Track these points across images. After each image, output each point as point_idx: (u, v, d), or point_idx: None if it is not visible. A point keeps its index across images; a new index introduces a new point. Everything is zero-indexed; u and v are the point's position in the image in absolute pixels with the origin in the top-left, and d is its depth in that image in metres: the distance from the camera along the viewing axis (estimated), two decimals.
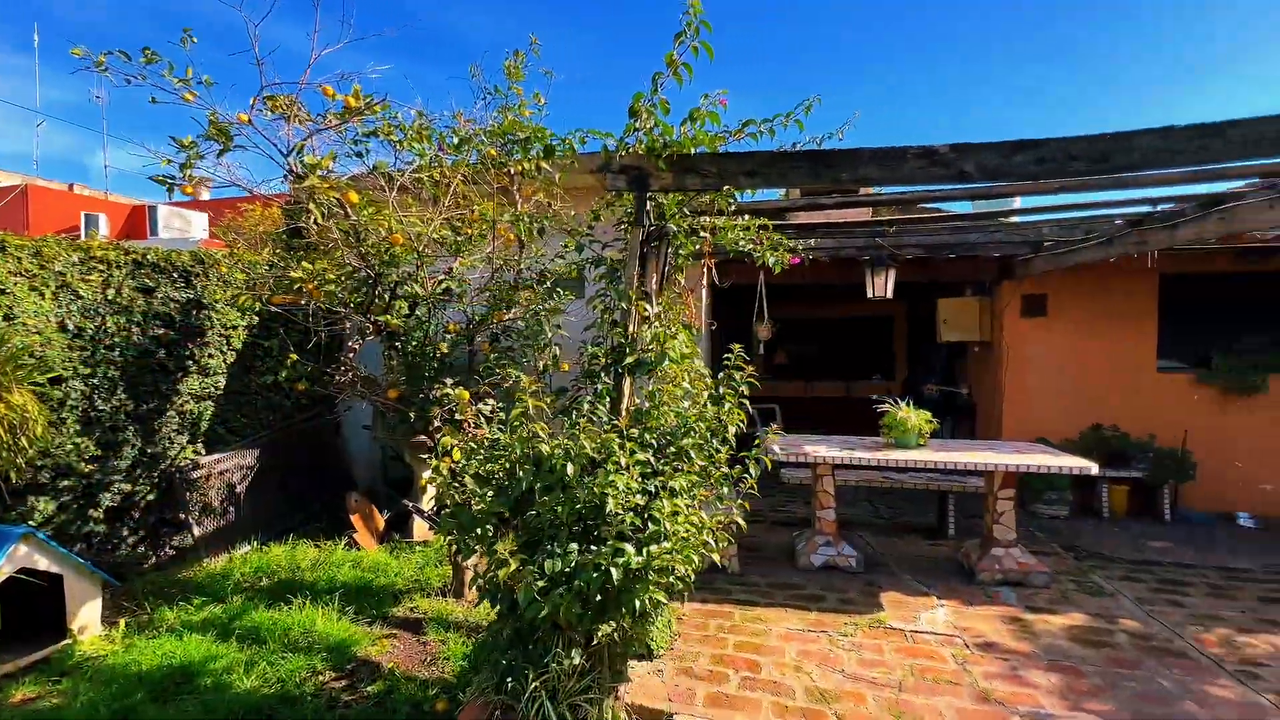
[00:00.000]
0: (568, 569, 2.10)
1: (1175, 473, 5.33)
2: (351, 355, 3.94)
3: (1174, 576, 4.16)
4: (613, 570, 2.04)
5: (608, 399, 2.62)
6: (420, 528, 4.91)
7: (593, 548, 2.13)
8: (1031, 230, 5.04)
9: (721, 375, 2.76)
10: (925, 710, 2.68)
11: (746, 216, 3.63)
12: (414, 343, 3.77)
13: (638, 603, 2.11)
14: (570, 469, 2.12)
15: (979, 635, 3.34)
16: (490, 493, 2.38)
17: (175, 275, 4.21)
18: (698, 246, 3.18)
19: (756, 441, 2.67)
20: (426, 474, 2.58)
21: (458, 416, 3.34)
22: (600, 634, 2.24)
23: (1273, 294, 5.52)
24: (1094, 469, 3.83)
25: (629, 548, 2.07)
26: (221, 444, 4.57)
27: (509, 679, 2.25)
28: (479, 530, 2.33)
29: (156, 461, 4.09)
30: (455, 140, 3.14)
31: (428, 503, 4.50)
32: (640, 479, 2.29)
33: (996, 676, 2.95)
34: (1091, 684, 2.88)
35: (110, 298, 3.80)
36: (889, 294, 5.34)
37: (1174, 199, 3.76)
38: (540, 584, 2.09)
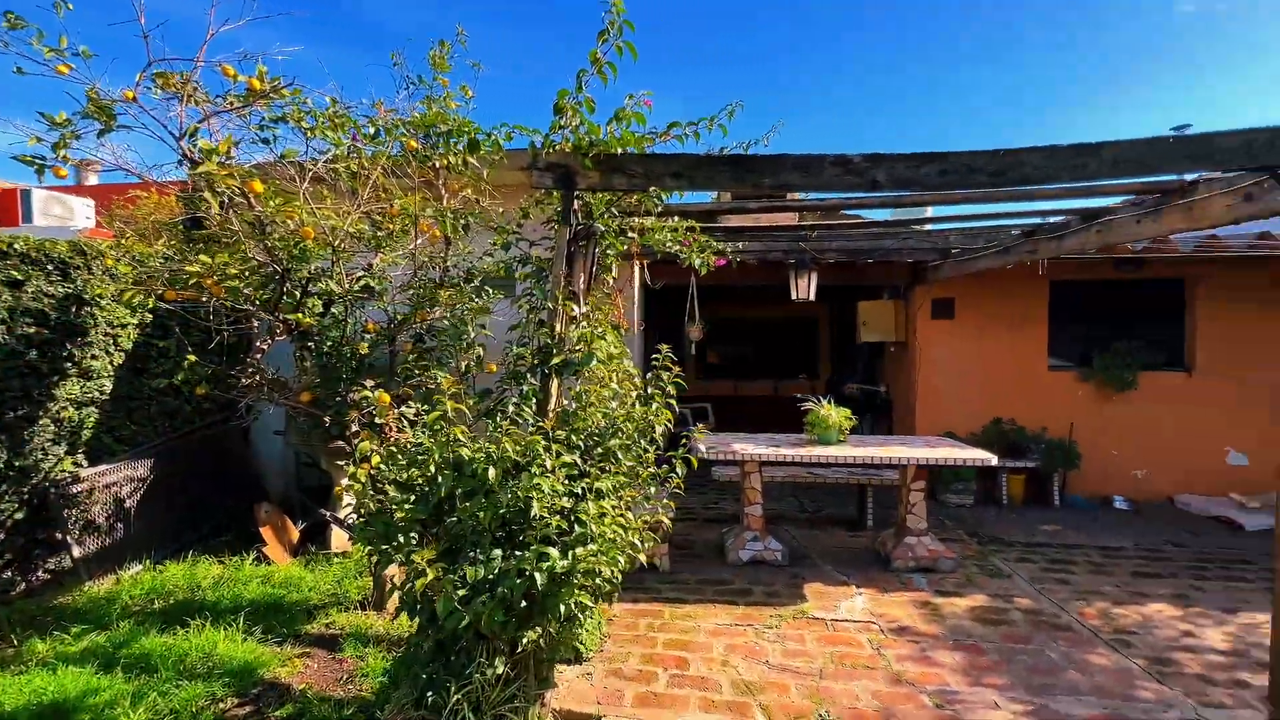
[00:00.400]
0: (491, 576, 2.04)
1: (1063, 462, 5.85)
2: (259, 356, 3.67)
3: (1062, 556, 4.56)
4: (537, 575, 2.00)
5: (534, 400, 2.58)
6: (339, 538, 4.66)
7: (517, 553, 2.08)
8: (940, 238, 5.40)
9: (650, 375, 2.78)
10: (843, 695, 2.80)
11: (676, 218, 3.67)
12: (329, 343, 3.56)
13: (563, 607, 2.08)
14: (492, 473, 2.06)
15: (893, 620, 3.53)
16: (411, 499, 2.28)
17: (50, 267, 3.78)
18: (626, 247, 3.19)
19: (683, 440, 2.70)
20: (345, 481, 2.44)
21: (378, 420, 3.19)
22: (526, 640, 2.19)
23: (1143, 300, 6.16)
24: (993, 460, 4.14)
25: (554, 551, 2.04)
26: (108, 454, 4.15)
27: (429, 693, 2.16)
28: (400, 538, 2.23)
29: (27, 476, 3.66)
30: (371, 130, 2.98)
31: (347, 511, 4.27)
32: (567, 481, 2.26)
33: (908, 659, 3.12)
34: (991, 660, 3.11)
35: None
36: (811, 296, 5.56)
37: (1063, 212, 4.13)
38: (461, 592, 2.03)
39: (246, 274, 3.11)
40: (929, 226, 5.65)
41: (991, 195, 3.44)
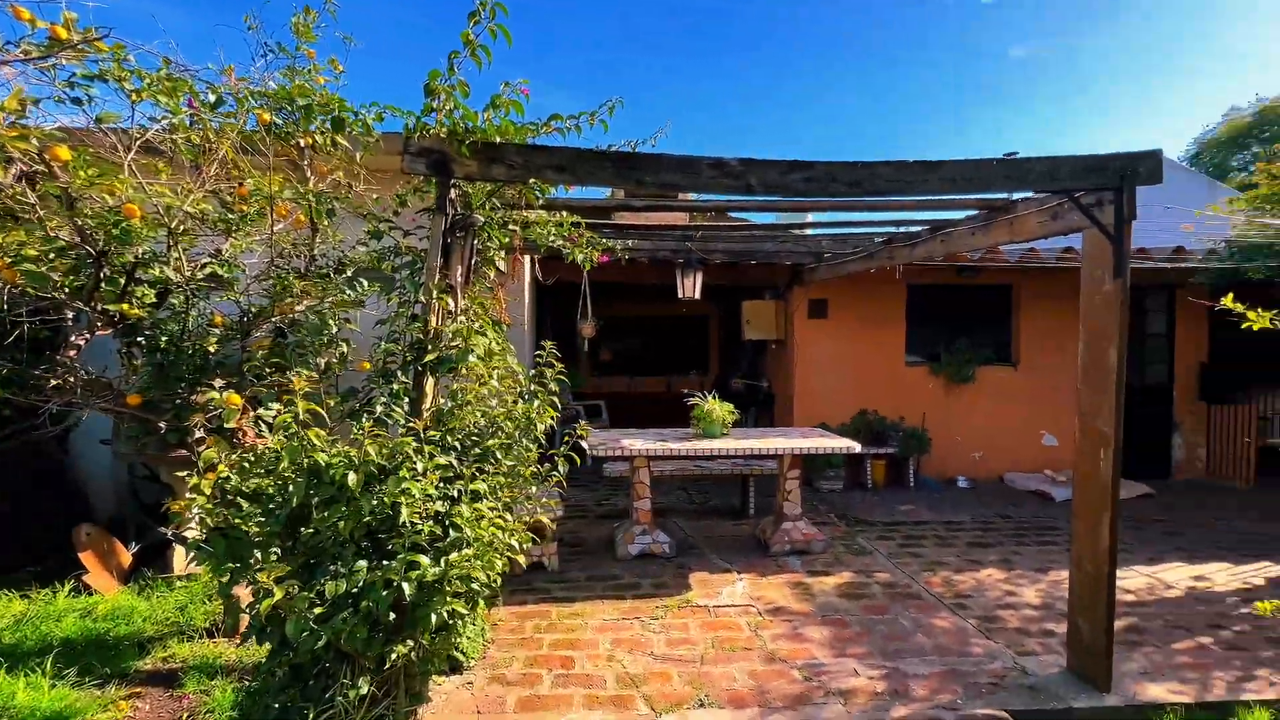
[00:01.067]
0: (354, 589, 1.90)
1: (917, 448, 6.52)
2: (73, 353, 3.15)
3: (915, 533, 5.08)
4: (405, 585, 1.89)
5: (405, 400, 2.43)
6: (184, 559, 4.12)
7: (385, 563, 1.95)
8: (814, 243, 5.79)
9: (534, 372, 2.72)
10: (722, 678, 2.92)
11: (563, 213, 3.62)
12: (165, 338, 3.13)
13: (434, 617, 1.98)
14: (353, 478, 1.91)
15: (770, 602, 3.74)
16: (268, 509, 2.05)
17: None
18: (509, 240, 3.10)
19: (565, 438, 2.67)
20: (188, 494, 2.15)
21: (228, 425, 2.84)
22: (395, 655, 2.06)
23: (981, 304, 7.02)
24: (858, 448, 4.52)
25: (424, 559, 1.93)
26: None
27: None
28: (257, 554, 2.01)
29: None
30: (213, 98, 2.65)
31: (192, 528, 3.78)
32: (441, 484, 2.15)
33: (782, 637, 3.32)
34: (853, 632, 3.39)
35: None
36: (697, 294, 5.75)
37: (917, 222, 4.57)
38: (319, 610, 1.86)
39: (50, 256, 2.65)
40: (808, 231, 6.06)
41: (856, 204, 3.73)
